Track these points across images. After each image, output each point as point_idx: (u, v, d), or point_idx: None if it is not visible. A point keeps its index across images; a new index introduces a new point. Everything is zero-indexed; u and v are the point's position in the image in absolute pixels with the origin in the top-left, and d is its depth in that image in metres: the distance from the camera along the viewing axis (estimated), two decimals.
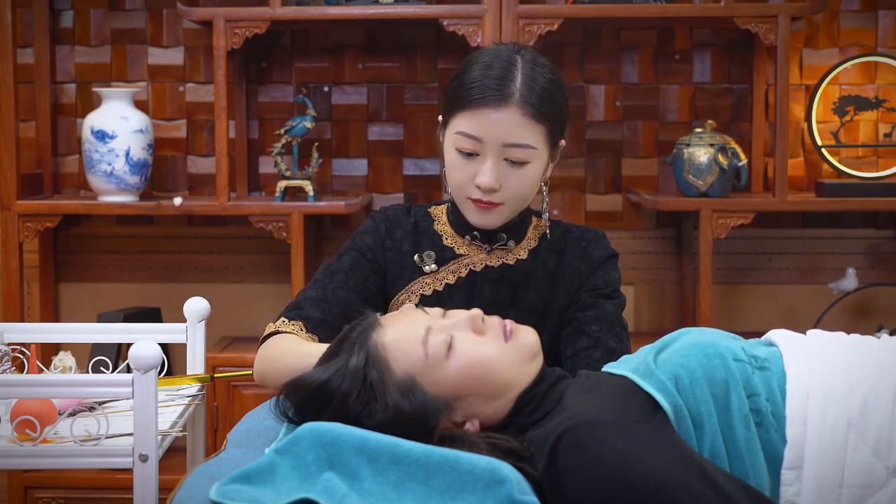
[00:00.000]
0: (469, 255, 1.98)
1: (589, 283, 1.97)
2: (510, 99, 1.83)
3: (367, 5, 3.12)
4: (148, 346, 1.69)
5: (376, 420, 1.61)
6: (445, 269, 1.97)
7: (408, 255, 1.98)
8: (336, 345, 1.70)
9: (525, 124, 1.83)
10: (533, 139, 1.85)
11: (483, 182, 1.85)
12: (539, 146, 1.86)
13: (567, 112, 1.93)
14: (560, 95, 1.89)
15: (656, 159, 3.45)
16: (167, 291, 3.44)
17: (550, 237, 2.01)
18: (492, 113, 1.83)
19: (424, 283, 1.96)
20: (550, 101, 1.86)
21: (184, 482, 1.56)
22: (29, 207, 3.18)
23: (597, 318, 1.93)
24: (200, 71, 3.45)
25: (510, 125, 1.83)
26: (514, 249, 1.99)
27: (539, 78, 1.85)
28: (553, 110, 1.87)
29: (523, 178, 1.87)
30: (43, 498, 3.20)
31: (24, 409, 1.78)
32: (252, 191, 3.47)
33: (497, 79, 1.83)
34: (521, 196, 1.89)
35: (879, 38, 3.41)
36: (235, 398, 3.12)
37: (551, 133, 1.88)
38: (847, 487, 1.52)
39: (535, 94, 1.84)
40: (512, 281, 1.97)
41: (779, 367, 1.61)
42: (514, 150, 1.84)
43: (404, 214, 2.02)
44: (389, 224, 2.00)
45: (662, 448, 1.47)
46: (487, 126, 1.83)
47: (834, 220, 3.46)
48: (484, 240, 1.98)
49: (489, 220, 1.91)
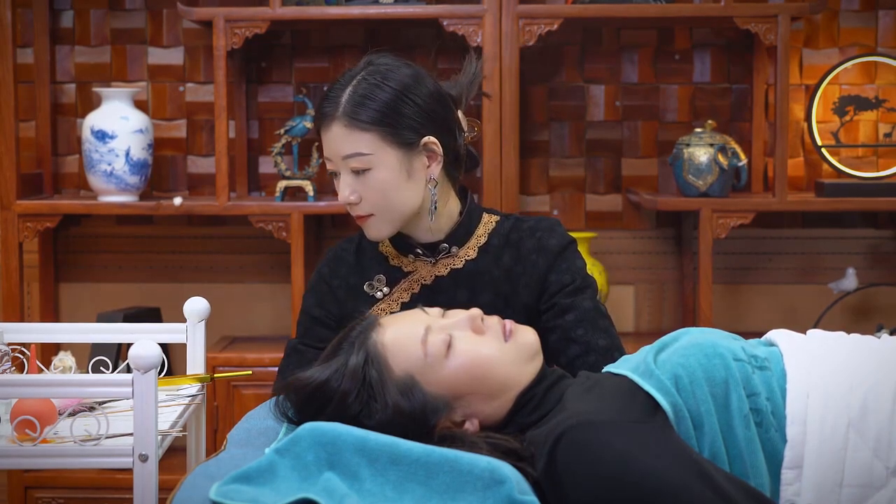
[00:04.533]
0: (417, 271, 2.00)
1: (556, 281, 1.95)
2: (333, 115, 1.91)
3: (367, 5, 3.12)
4: (148, 346, 1.69)
5: (376, 419, 1.61)
6: (398, 290, 2.00)
7: (357, 287, 2.01)
8: (335, 344, 1.71)
9: (348, 135, 1.90)
10: (362, 146, 1.89)
11: (340, 196, 1.94)
12: (373, 151, 1.89)
13: (419, 110, 1.91)
14: (399, 100, 1.89)
15: (656, 159, 3.45)
16: (167, 291, 3.44)
17: (500, 231, 2.00)
18: (326, 132, 1.92)
19: (380, 310, 1.98)
20: (376, 107, 1.88)
21: (184, 482, 1.56)
22: (29, 207, 3.18)
23: (578, 320, 1.93)
24: (200, 71, 3.45)
25: (338, 139, 1.91)
26: (461, 252, 1.99)
27: (369, 87, 1.90)
28: (383, 114, 1.89)
29: (373, 185, 1.91)
30: (43, 498, 3.20)
31: (24, 409, 1.78)
32: (252, 191, 3.47)
33: (330, 99, 1.93)
34: (382, 202, 1.92)
35: (879, 38, 3.41)
36: (235, 398, 3.12)
37: (390, 136, 1.89)
38: (847, 487, 1.52)
39: (358, 105, 1.89)
40: (467, 283, 1.98)
41: (779, 366, 1.61)
42: (351, 160, 1.91)
43: (345, 249, 2.06)
44: (333, 265, 2.05)
45: (662, 448, 1.47)
46: (327, 145, 1.93)
47: (834, 220, 3.46)
48: (427, 254, 2.00)
49: (372, 233, 1.97)
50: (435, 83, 1.96)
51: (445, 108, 1.96)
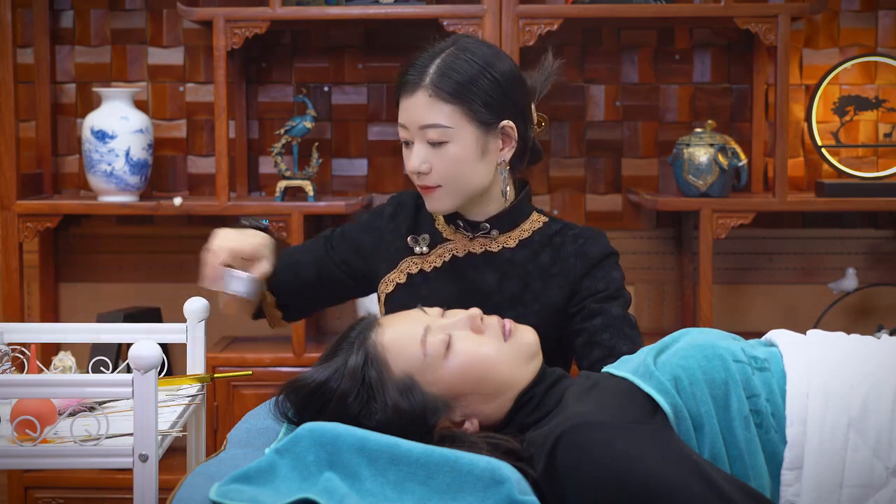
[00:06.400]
0: (454, 241, 2.03)
1: (589, 287, 1.97)
2: (420, 84, 1.92)
3: (367, 5, 3.12)
4: (148, 346, 1.69)
5: (375, 420, 1.61)
6: (434, 253, 2.04)
7: (405, 236, 2.06)
8: (335, 344, 1.71)
9: (432, 105, 1.91)
10: (443, 118, 1.91)
11: (410, 165, 1.96)
12: (454, 125, 1.91)
13: (502, 94, 1.94)
14: (486, 78, 1.92)
15: (656, 159, 3.45)
16: (167, 291, 3.43)
17: (546, 231, 2.03)
18: (408, 99, 1.94)
19: (413, 263, 2.03)
20: (465, 82, 1.91)
21: (184, 482, 1.56)
22: (29, 207, 3.18)
23: (605, 325, 1.94)
24: (200, 71, 3.45)
25: (421, 108, 1.92)
26: (501, 238, 2.01)
27: (459, 63, 1.92)
28: (468, 91, 1.91)
29: (446, 158, 1.93)
30: (43, 498, 3.20)
31: (24, 409, 1.78)
32: (252, 191, 3.47)
33: (417, 67, 1.94)
34: (452, 176, 1.94)
35: (879, 38, 3.41)
36: (235, 398, 3.12)
37: (471, 113, 1.92)
38: (847, 488, 1.52)
39: (446, 77, 1.91)
40: (498, 268, 2.00)
41: (779, 367, 1.61)
42: (429, 130, 1.93)
43: (412, 199, 2.11)
44: (396, 208, 2.11)
45: (662, 449, 1.47)
46: (407, 112, 1.94)
47: (834, 220, 3.46)
48: (467, 228, 2.03)
49: (435, 205, 1.99)
50: (515, 65, 1.99)
51: (522, 91, 1.99)
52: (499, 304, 1.94)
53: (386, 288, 2.04)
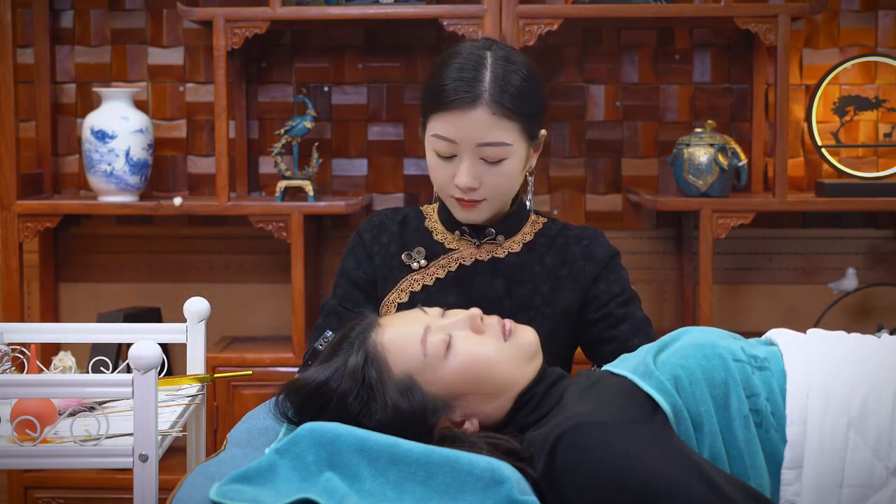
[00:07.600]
0: (459, 250, 2.00)
1: (606, 291, 1.96)
2: (479, 99, 1.85)
3: (367, 5, 3.12)
4: (148, 346, 1.69)
5: (375, 420, 1.61)
6: (435, 265, 1.99)
7: (396, 256, 2.00)
8: (335, 345, 1.71)
9: (496, 123, 1.86)
10: (506, 136, 1.87)
11: (461, 182, 1.88)
12: (514, 142, 1.88)
13: (543, 103, 1.94)
14: (532, 89, 1.90)
15: (656, 159, 3.45)
16: (167, 291, 3.44)
17: (547, 232, 2.02)
18: (463, 114, 1.85)
19: (413, 280, 1.98)
20: (521, 97, 1.87)
21: (184, 482, 1.56)
22: (29, 207, 3.18)
23: (634, 330, 1.94)
24: (200, 71, 3.45)
25: (481, 125, 1.85)
26: (506, 243, 2.00)
27: (510, 75, 1.88)
28: (525, 106, 1.88)
29: (501, 175, 1.90)
30: (43, 498, 3.20)
31: (24, 409, 1.78)
32: (252, 191, 3.47)
33: (467, 80, 1.86)
34: (501, 190, 1.92)
35: (879, 38, 3.41)
36: (235, 398, 3.12)
37: (526, 128, 1.89)
38: (847, 487, 1.52)
39: (506, 93, 1.86)
40: (506, 274, 1.98)
41: (779, 366, 1.61)
42: (489, 149, 1.87)
43: (391, 217, 2.05)
44: (375, 231, 2.03)
45: (661, 449, 1.47)
46: (460, 128, 1.86)
47: (834, 220, 3.46)
48: (473, 235, 2.00)
49: (474, 216, 1.94)
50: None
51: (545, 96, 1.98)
52: (510, 310, 1.92)
53: (388, 311, 1.97)
